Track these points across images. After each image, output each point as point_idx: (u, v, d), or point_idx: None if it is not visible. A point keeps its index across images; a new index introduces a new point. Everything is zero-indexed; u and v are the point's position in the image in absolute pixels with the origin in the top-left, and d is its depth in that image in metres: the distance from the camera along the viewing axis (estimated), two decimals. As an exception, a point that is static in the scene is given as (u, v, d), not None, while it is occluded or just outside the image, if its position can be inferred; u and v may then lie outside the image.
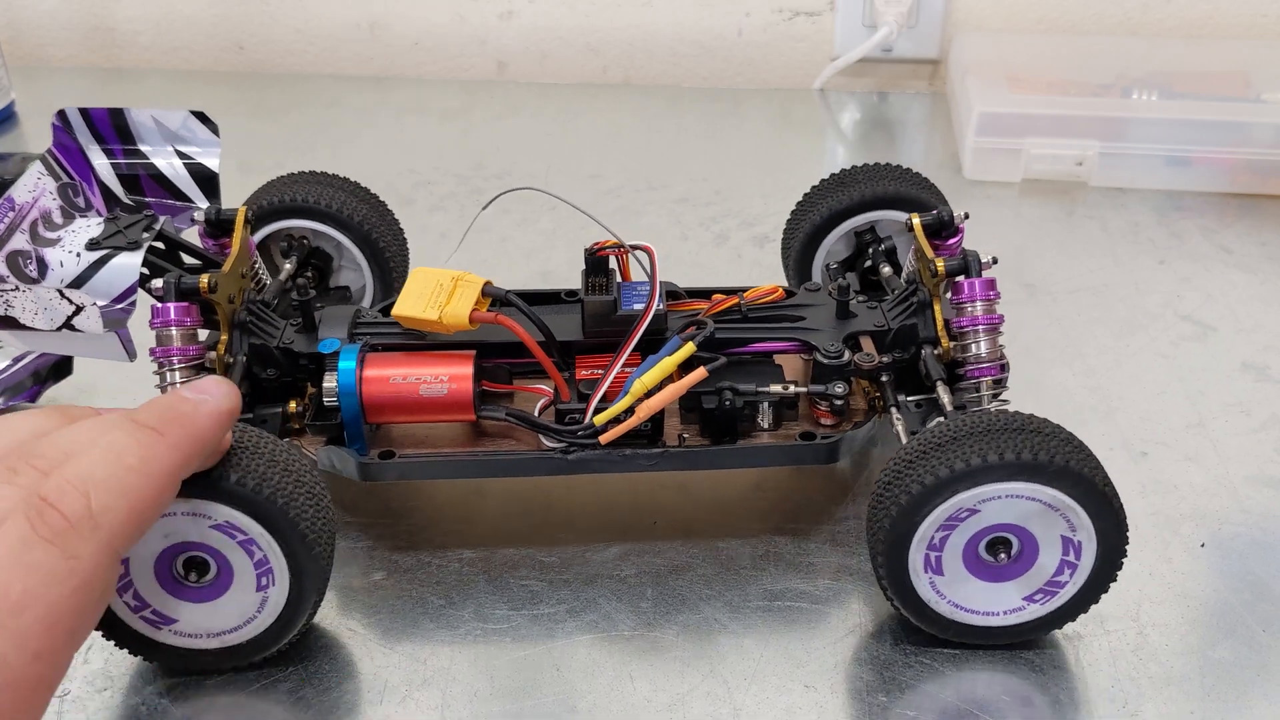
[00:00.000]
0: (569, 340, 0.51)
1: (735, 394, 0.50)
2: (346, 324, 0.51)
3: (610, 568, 0.52)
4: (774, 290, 0.53)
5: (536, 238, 0.78)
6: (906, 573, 0.45)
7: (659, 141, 0.93)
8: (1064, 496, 0.43)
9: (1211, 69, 0.90)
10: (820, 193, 0.60)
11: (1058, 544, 0.45)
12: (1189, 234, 0.79)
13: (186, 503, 0.42)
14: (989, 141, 0.84)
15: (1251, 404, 0.63)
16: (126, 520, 0.36)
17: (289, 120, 0.96)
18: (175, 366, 0.48)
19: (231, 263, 0.51)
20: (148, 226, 0.50)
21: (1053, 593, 0.46)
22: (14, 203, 0.49)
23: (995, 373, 0.49)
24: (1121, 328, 0.69)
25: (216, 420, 0.40)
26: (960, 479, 0.43)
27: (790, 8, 1.02)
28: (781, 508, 0.55)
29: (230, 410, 0.41)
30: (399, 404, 0.49)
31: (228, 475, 0.42)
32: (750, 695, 0.46)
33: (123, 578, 0.43)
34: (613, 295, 0.50)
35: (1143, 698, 0.46)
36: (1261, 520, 0.55)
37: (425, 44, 1.05)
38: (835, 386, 0.50)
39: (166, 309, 0.48)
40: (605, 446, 0.49)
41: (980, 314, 0.50)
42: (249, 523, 0.42)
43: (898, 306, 0.53)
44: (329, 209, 0.58)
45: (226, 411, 0.40)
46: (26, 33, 1.07)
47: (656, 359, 0.48)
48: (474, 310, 0.48)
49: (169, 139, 0.55)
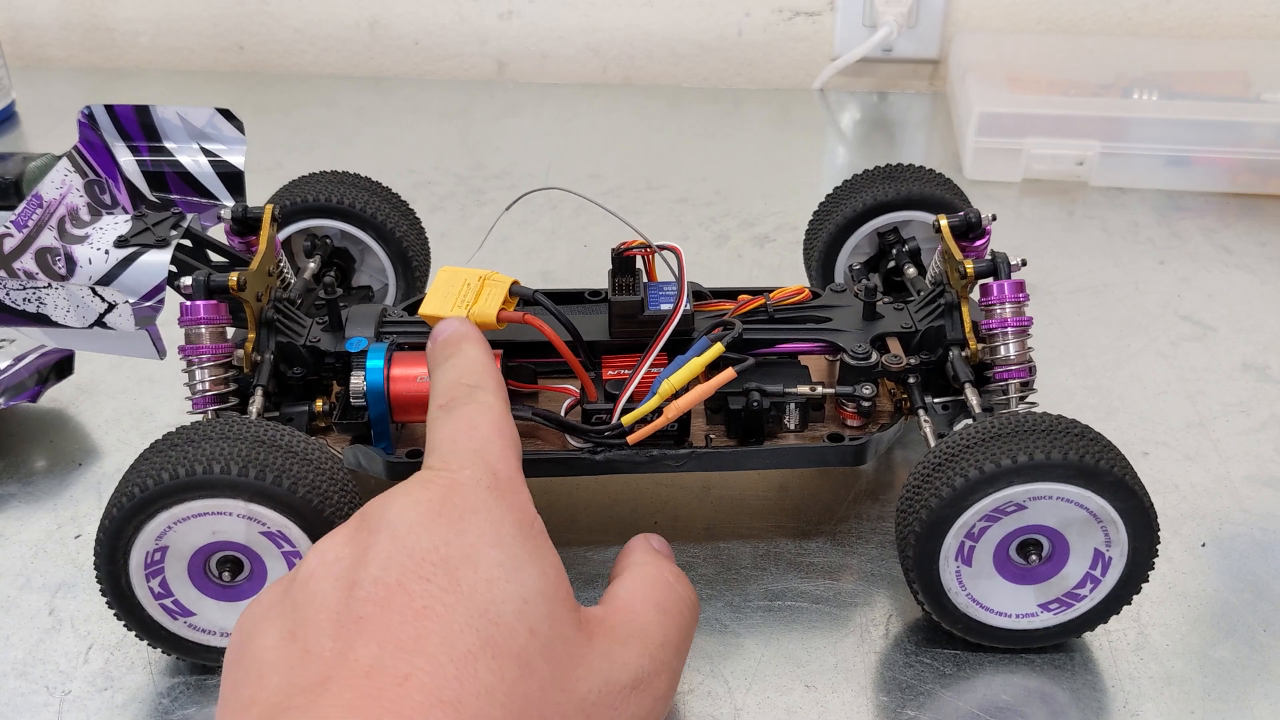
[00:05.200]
0: (595, 340, 0.51)
1: (763, 395, 0.49)
2: (373, 323, 0.51)
3: (611, 567, 0.52)
4: (800, 291, 0.53)
5: (537, 237, 0.78)
6: (937, 556, 0.45)
7: (659, 141, 0.93)
8: (1110, 509, 0.44)
9: (1211, 69, 0.90)
10: (844, 193, 0.60)
11: (1089, 556, 0.45)
12: (1189, 234, 0.79)
13: (247, 506, 0.42)
14: (989, 141, 0.84)
15: (1251, 404, 0.63)
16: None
17: (289, 120, 0.96)
18: (205, 364, 0.48)
19: (259, 261, 0.50)
20: (175, 224, 0.50)
21: (1069, 604, 0.46)
22: (42, 200, 0.49)
23: (1024, 375, 0.49)
24: (1121, 328, 0.69)
25: (478, 344, 0.44)
26: (1018, 472, 0.43)
27: (790, 8, 1.02)
28: (783, 507, 0.55)
29: (473, 332, 0.45)
30: (426, 403, 0.49)
31: (297, 489, 0.42)
32: (751, 695, 0.46)
33: (155, 564, 0.43)
34: (639, 295, 0.50)
35: (1143, 697, 0.46)
36: (1262, 520, 0.55)
37: (425, 44, 1.05)
38: (863, 388, 0.50)
39: (196, 307, 0.48)
40: (633, 447, 0.48)
41: (1009, 316, 0.49)
42: (300, 536, 0.43)
43: (925, 308, 0.53)
44: (355, 209, 0.59)
45: (477, 338, 0.44)
46: (26, 33, 1.07)
47: (685, 359, 0.47)
48: (501, 309, 0.47)
49: (195, 136, 0.55)
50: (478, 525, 0.36)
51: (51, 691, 0.46)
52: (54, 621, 0.49)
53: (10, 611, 0.50)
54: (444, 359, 0.43)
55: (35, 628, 0.49)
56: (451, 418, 0.40)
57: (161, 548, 0.43)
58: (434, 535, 0.35)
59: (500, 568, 0.35)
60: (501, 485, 0.38)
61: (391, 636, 0.32)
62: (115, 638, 0.48)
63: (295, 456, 0.43)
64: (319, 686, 0.32)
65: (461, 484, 0.37)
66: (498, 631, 0.33)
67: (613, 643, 0.37)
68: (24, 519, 0.54)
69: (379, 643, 0.32)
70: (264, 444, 0.43)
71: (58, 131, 0.92)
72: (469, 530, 0.35)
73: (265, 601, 0.36)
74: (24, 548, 0.53)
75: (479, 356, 0.43)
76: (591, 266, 0.74)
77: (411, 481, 0.38)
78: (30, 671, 0.47)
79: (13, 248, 0.47)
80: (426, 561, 0.34)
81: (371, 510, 0.37)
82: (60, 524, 0.54)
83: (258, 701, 0.33)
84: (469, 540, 0.35)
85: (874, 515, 0.55)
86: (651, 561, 0.41)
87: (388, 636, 0.32)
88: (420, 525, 0.35)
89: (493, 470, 0.38)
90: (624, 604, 0.39)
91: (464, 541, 0.35)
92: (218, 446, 0.42)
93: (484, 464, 0.38)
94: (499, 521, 0.36)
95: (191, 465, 0.41)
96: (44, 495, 0.56)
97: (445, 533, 0.35)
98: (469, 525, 0.36)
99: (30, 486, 0.56)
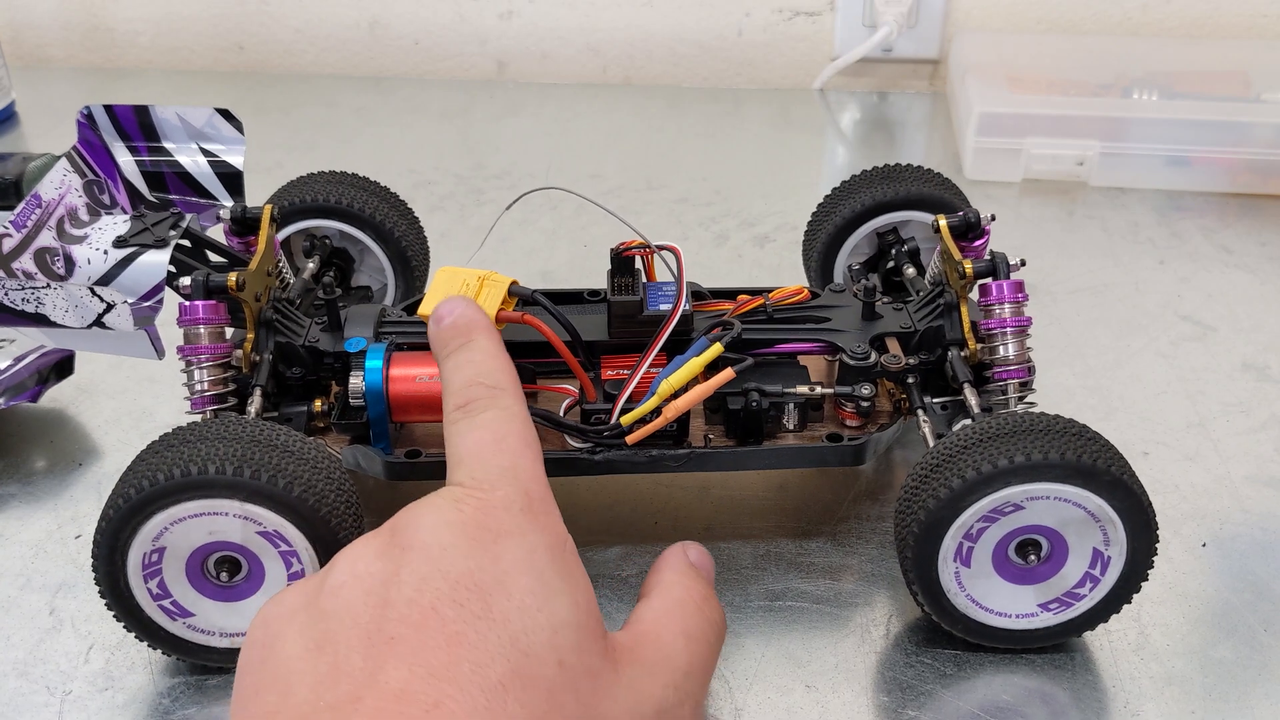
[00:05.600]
0: (594, 340, 0.51)
1: (762, 395, 0.49)
2: (372, 323, 0.51)
3: (611, 567, 0.52)
4: (799, 291, 0.53)
5: (537, 237, 0.78)
6: (936, 557, 0.45)
7: (659, 141, 0.93)
8: (1109, 509, 0.44)
9: (1211, 69, 0.90)
10: (843, 193, 0.60)
11: (1087, 556, 0.45)
12: (1189, 234, 0.79)
13: (243, 506, 0.42)
14: (989, 141, 0.84)
15: (1251, 404, 0.63)
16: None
17: (289, 120, 0.96)
18: (203, 364, 0.48)
19: (258, 261, 0.51)
20: (174, 224, 0.50)
21: (1068, 604, 0.46)
22: (41, 200, 0.49)
23: (1023, 375, 0.49)
24: (1121, 328, 0.69)
25: (491, 335, 0.43)
26: (1016, 472, 0.43)
27: (790, 8, 1.02)
28: (782, 507, 0.55)
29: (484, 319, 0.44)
30: (425, 403, 0.49)
31: (293, 489, 0.42)
32: (751, 695, 0.46)
33: (153, 565, 0.43)
34: (639, 295, 0.50)
35: (1144, 697, 0.46)
36: (1262, 520, 0.55)
37: (425, 44, 1.05)
38: (862, 388, 0.50)
39: (195, 307, 0.48)
40: (632, 447, 0.48)
41: (1009, 316, 0.49)
42: (297, 535, 0.43)
43: (924, 308, 0.53)
44: (354, 209, 0.59)
45: (487, 326, 0.44)
46: (26, 33, 1.07)
47: (684, 359, 0.47)
48: (500, 310, 0.47)
49: (194, 136, 0.55)
50: (512, 550, 0.35)
51: (52, 691, 0.46)
52: (54, 621, 0.49)
53: (10, 611, 0.50)
54: (455, 348, 0.42)
55: (36, 628, 0.49)
56: (475, 426, 0.40)
57: (159, 548, 0.43)
58: (469, 559, 0.35)
59: (533, 595, 0.35)
60: (534, 507, 0.37)
61: (423, 661, 0.32)
62: (115, 638, 0.48)
63: (293, 457, 0.43)
64: (348, 705, 0.31)
65: (495, 506, 0.37)
66: (528, 662, 0.33)
67: (638, 673, 0.37)
68: (24, 519, 0.54)
69: (410, 666, 0.32)
70: (262, 444, 0.43)
71: (57, 131, 0.92)
72: (504, 556, 0.35)
73: (289, 604, 0.36)
74: (24, 548, 0.53)
75: (493, 349, 0.42)
76: (591, 266, 0.74)
77: (443, 498, 0.37)
78: (31, 671, 0.47)
79: (12, 248, 0.47)
80: (461, 585, 0.34)
81: (403, 525, 0.36)
82: (60, 524, 0.54)
83: (282, 711, 0.32)
84: (503, 566, 0.35)
85: (873, 515, 0.55)
86: (680, 582, 0.41)
87: (419, 660, 0.32)
88: (455, 548, 0.35)
89: (525, 491, 0.38)
90: (650, 630, 0.39)
91: (498, 567, 0.35)
92: (215, 447, 0.42)
93: (517, 483, 0.38)
94: (533, 547, 0.36)
95: (189, 465, 0.41)
96: (44, 495, 0.56)
97: (480, 557, 0.35)
98: (503, 550, 0.35)
99: (30, 486, 0.56)
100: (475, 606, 0.34)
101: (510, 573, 0.35)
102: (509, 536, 0.36)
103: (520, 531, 0.36)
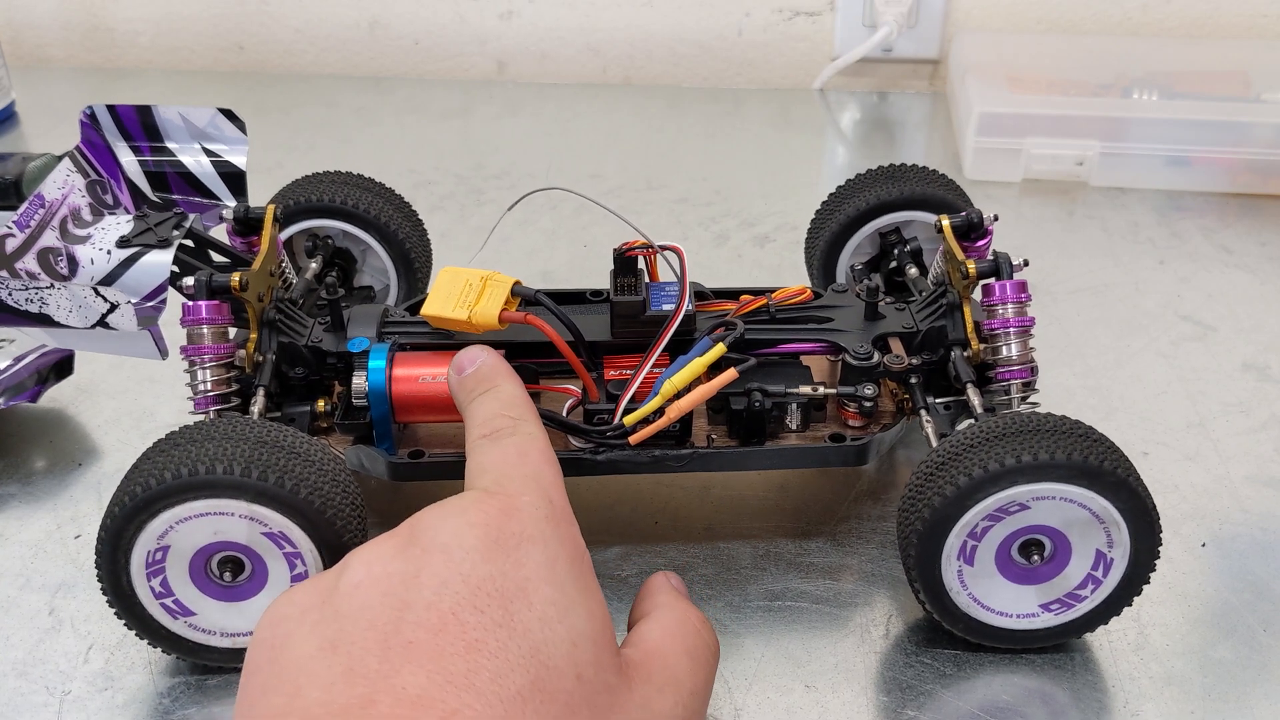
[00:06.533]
0: (597, 340, 0.51)
1: (764, 395, 0.49)
2: (375, 323, 0.51)
3: (611, 567, 0.52)
4: (802, 291, 0.53)
5: (538, 237, 0.78)
6: (939, 556, 0.45)
7: (659, 141, 0.93)
8: (1113, 510, 0.44)
9: (1211, 69, 0.90)
10: (845, 193, 0.60)
11: (1090, 557, 0.45)
12: (1189, 234, 0.79)
13: (249, 506, 0.42)
14: (989, 141, 0.84)
15: (1251, 404, 0.63)
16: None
17: (289, 120, 0.96)
18: (207, 364, 0.48)
19: (261, 261, 0.51)
20: (177, 224, 0.50)
21: (1070, 605, 0.46)
22: (44, 200, 0.49)
23: (1025, 375, 0.49)
24: (1121, 328, 0.69)
25: (514, 380, 0.45)
26: (1021, 472, 0.43)
27: (790, 8, 1.02)
28: (782, 507, 0.55)
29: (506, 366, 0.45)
30: (428, 403, 0.49)
31: (300, 491, 0.42)
32: (751, 695, 0.46)
33: (156, 564, 0.43)
34: (641, 295, 0.50)
35: (1143, 697, 0.46)
36: (1262, 520, 0.55)
37: (425, 44, 1.05)
38: (864, 388, 0.50)
39: (198, 307, 0.48)
40: (634, 447, 0.48)
41: (1011, 316, 0.49)
42: (302, 538, 0.43)
43: (926, 308, 0.53)
44: (357, 209, 0.59)
45: (509, 373, 0.45)
46: (26, 33, 1.07)
47: (687, 360, 0.47)
48: (503, 310, 0.47)
49: (196, 136, 0.55)
50: (534, 558, 0.35)
51: (51, 691, 0.46)
52: (54, 621, 0.49)
53: (10, 611, 0.50)
54: (480, 393, 0.43)
55: (35, 628, 0.49)
56: (500, 445, 0.40)
57: (163, 547, 0.43)
58: (490, 564, 0.34)
59: (553, 606, 0.35)
60: (557, 515, 0.37)
61: (441, 668, 0.32)
62: (115, 638, 0.48)
63: (297, 457, 0.43)
64: (361, 708, 0.31)
65: (519, 510, 0.37)
66: (547, 675, 0.33)
67: (650, 690, 0.37)
68: (24, 519, 0.54)
69: (428, 673, 0.32)
70: (266, 444, 0.43)
71: (57, 131, 0.92)
72: (526, 562, 0.35)
73: (300, 603, 0.35)
74: (24, 548, 0.53)
75: (517, 393, 0.43)
76: (593, 267, 0.74)
77: (466, 500, 0.37)
78: (30, 671, 0.47)
79: (15, 248, 0.47)
80: (482, 591, 0.34)
81: (424, 526, 0.36)
82: (60, 524, 0.54)
83: (291, 712, 0.32)
84: (525, 574, 0.35)
85: (875, 515, 0.55)
86: (677, 604, 0.41)
87: (437, 667, 0.32)
88: (477, 552, 0.35)
89: (549, 498, 0.38)
90: (657, 649, 0.39)
91: (520, 575, 0.35)
92: (220, 447, 0.42)
93: (541, 490, 0.38)
94: (554, 556, 0.36)
95: (194, 465, 0.41)
96: (44, 495, 0.56)
97: (502, 563, 0.35)
98: (525, 557, 0.35)
99: (30, 486, 0.56)
100: (496, 614, 0.33)
101: (532, 580, 0.35)
102: (532, 543, 0.36)
103: (543, 539, 0.36)
